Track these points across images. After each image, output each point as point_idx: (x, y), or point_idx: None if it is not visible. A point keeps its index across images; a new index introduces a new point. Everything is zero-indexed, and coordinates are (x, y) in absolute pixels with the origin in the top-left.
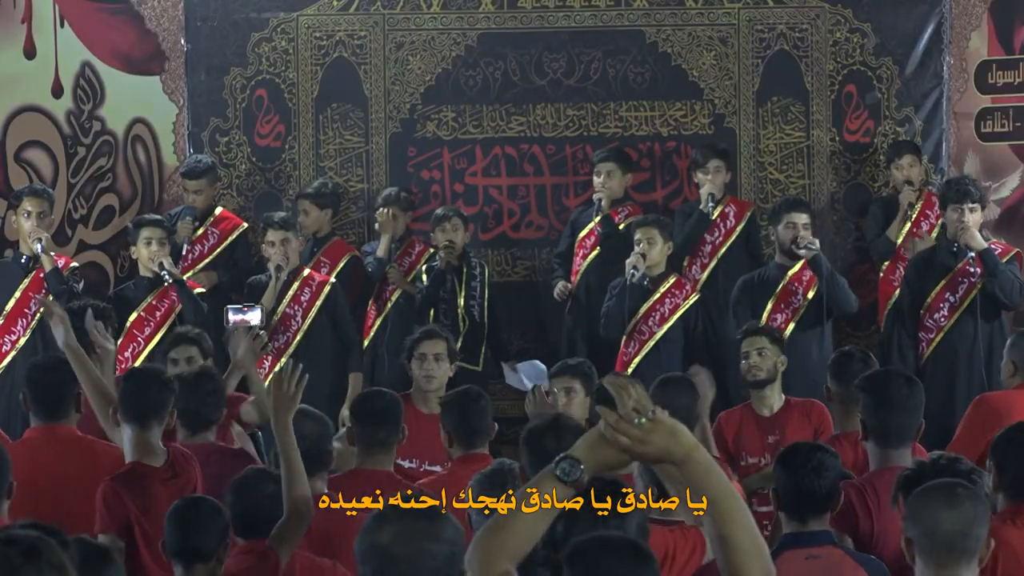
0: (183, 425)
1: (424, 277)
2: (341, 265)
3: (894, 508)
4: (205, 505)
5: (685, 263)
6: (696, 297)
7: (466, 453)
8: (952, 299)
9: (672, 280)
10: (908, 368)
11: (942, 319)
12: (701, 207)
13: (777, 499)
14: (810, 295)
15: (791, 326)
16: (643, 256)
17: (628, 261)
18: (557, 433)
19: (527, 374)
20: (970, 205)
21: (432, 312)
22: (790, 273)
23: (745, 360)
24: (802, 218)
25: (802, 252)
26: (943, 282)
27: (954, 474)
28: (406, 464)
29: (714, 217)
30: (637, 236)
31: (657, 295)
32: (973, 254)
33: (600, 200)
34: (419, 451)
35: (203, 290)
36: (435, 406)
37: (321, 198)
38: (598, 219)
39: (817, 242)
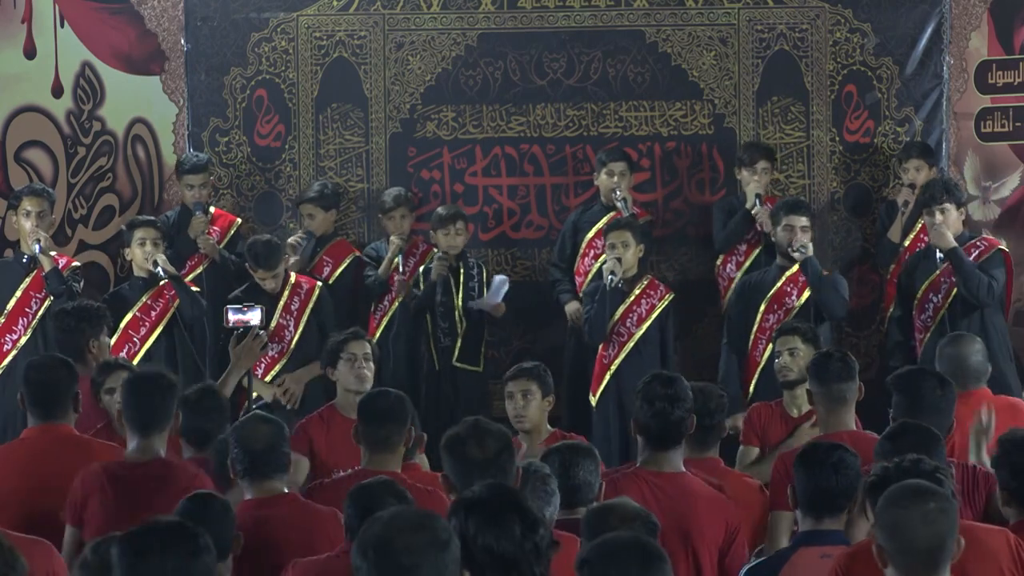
0: (188, 442)
1: (422, 281)
2: (344, 266)
3: (860, 514)
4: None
5: (719, 261)
6: (671, 297)
7: None
8: (936, 300)
9: (646, 281)
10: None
11: (928, 320)
12: (747, 206)
13: (793, 495)
14: (803, 297)
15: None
16: (618, 260)
17: (605, 267)
18: (478, 439)
19: (495, 292)
20: (940, 207)
21: (429, 314)
22: (786, 275)
23: (777, 359)
24: (800, 220)
25: (796, 255)
26: (926, 283)
27: (918, 475)
28: (338, 474)
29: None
30: (610, 240)
31: (632, 296)
32: (941, 255)
33: (626, 200)
34: (349, 460)
35: (198, 289)
36: None
37: (324, 200)
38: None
39: (810, 246)
